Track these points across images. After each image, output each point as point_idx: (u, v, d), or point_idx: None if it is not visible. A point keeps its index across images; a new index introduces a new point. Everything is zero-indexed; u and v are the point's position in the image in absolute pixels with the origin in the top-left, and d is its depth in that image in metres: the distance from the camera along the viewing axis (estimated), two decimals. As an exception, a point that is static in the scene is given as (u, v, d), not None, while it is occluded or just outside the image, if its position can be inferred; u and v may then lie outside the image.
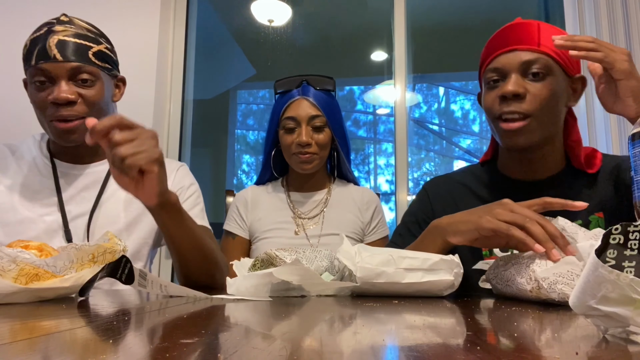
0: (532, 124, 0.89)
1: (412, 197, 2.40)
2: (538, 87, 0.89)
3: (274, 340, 0.36)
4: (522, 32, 0.91)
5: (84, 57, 0.99)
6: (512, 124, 0.89)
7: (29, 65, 0.98)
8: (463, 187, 1.06)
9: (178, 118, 2.45)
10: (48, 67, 0.96)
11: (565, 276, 0.62)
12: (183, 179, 1.14)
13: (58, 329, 0.41)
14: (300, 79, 1.31)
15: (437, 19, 3.31)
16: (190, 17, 2.57)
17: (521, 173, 0.99)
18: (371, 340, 0.37)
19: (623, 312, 0.34)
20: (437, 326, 0.45)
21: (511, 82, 0.89)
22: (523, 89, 0.88)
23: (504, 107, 0.90)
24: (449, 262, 0.73)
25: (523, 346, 0.35)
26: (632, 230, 0.35)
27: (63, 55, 0.97)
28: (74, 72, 0.98)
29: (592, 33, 2.03)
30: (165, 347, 0.33)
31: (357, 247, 0.77)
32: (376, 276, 0.72)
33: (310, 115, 1.27)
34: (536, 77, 0.89)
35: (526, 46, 0.89)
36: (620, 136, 1.90)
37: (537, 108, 0.88)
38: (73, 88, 0.98)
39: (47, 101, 0.97)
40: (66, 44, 0.98)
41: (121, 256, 0.69)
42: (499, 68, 0.91)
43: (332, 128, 1.30)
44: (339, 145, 1.34)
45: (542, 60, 0.89)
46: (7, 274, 0.60)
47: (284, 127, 1.29)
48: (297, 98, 1.28)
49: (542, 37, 0.90)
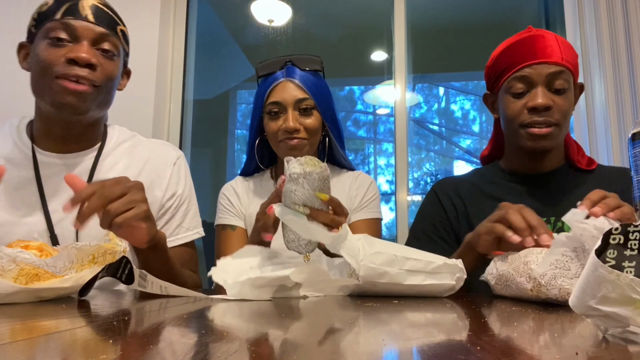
0: (556, 130, 0.99)
1: (412, 197, 2.40)
2: (562, 100, 0.98)
3: (275, 341, 0.36)
4: (547, 45, 0.99)
5: (112, 29, 0.96)
6: (542, 129, 0.98)
7: (51, 20, 0.91)
8: (470, 185, 1.11)
9: (178, 118, 2.45)
10: (76, 24, 0.91)
11: (561, 264, 0.63)
12: (178, 184, 1.09)
13: (58, 329, 0.41)
14: (284, 59, 1.20)
15: (437, 19, 3.31)
16: (190, 17, 2.57)
17: (526, 168, 1.07)
18: (373, 341, 0.37)
19: (623, 312, 0.34)
20: (438, 326, 0.45)
21: (541, 95, 0.97)
22: (552, 102, 0.97)
23: (534, 117, 0.98)
24: (451, 267, 0.73)
25: (523, 346, 0.35)
26: (632, 231, 0.35)
27: (95, 18, 0.94)
28: (100, 37, 0.94)
29: (592, 34, 2.03)
30: (165, 347, 0.33)
31: (363, 242, 0.76)
32: (379, 276, 0.72)
33: (297, 98, 1.16)
34: (560, 90, 0.98)
35: (552, 60, 0.98)
36: (620, 136, 1.90)
37: (561, 118, 0.98)
38: (96, 53, 0.93)
39: (60, 58, 0.90)
40: (100, 9, 0.95)
41: (121, 257, 0.69)
42: (526, 79, 0.99)
43: (322, 111, 1.19)
44: (329, 130, 1.23)
45: (565, 74, 0.98)
46: (7, 274, 0.60)
47: (269, 113, 1.18)
48: (281, 80, 1.17)
49: (564, 51, 0.99)
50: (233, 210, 1.26)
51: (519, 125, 1.00)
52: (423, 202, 1.17)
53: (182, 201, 1.09)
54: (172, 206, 1.06)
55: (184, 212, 1.08)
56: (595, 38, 2.01)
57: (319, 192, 0.79)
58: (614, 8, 1.99)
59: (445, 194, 1.11)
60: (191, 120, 2.60)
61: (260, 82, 1.24)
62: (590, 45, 2.02)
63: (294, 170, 0.77)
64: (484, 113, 5.49)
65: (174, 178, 1.08)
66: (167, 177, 1.07)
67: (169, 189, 1.07)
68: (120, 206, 0.74)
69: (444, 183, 1.14)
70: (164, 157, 1.09)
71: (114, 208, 0.74)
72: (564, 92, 0.98)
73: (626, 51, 1.94)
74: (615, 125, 1.91)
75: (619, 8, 1.98)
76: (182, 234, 1.06)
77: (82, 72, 0.90)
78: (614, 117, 1.91)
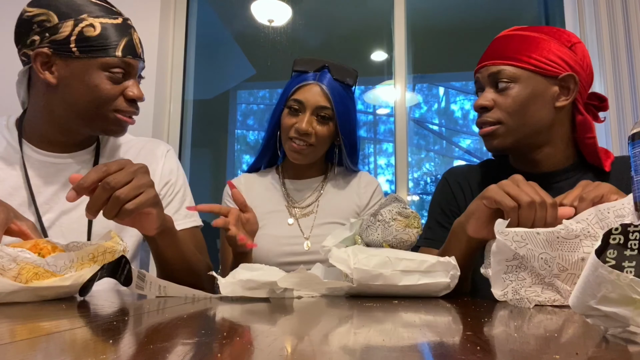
0: (500, 129, 0.97)
1: (413, 197, 2.40)
2: (502, 98, 0.97)
3: (274, 341, 0.36)
4: (494, 46, 1.00)
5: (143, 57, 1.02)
6: (484, 129, 0.99)
7: (111, 55, 0.93)
8: (480, 175, 1.10)
9: (178, 118, 2.45)
10: (134, 63, 0.97)
11: (513, 277, 0.63)
12: (171, 173, 1.09)
13: (58, 329, 0.41)
14: (322, 62, 1.22)
15: (437, 19, 3.30)
16: (190, 17, 2.57)
17: (527, 168, 1.03)
18: (371, 341, 0.37)
19: (623, 312, 0.34)
20: (437, 326, 0.45)
21: (480, 97, 0.99)
22: (488, 102, 0.97)
23: (478, 117, 1.00)
24: (445, 264, 0.73)
25: (523, 346, 0.35)
26: (632, 231, 0.35)
27: (142, 54, 1.00)
28: (140, 71, 1.01)
29: (592, 33, 2.03)
30: (165, 347, 0.33)
31: (351, 250, 0.77)
32: (373, 278, 0.72)
33: (319, 104, 1.19)
34: (502, 87, 0.97)
35: (492, 61, 0.98)
36: (620, 136, 1.90)
37: (502, 116, 0.96)
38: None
39: (118, 94, 0.95)
40: (141, 43, 1.00)
41: (120, 256, 0.69)
42: (478, 82, 1.02)
43: (340, 123, 1.21)
44: (343, 142, 1.25)
45: (506, 71, 0.96)
46: (7, 273, 0.60)
47: (289, 107, 1.21)
48: (310, 82, 1.20)
49: (511, 48, 0.97)
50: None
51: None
52: (434, 192, 1.16)
53: (178, 190, 1.09)
54: (167, 194, 1.07)
55: (180, 200, 1.08)
56: (595, 38, 2.01)
57: (387, 245, 0.83)
58: (614, 8, 1.99)
59: (456, 181, 1.10)
60: (191, 120, 2.60)
61: (292, 76, 1.26)
62: (590, 45, 2.02)
63: (383, 216, 0.82)
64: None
65: (166, 169, 1.09)
66: (159, 168, 1.08)
67: (162, 178, 1.08)
68: (129, 192, 0.72)
69: (455, 170, 1.14)
70: (154, 152, 1.10)
71: (124, 194, 0.71)
72: (507, 89, 0.96)
73: (626, 51, 1.94)
74: (615, 125, 1.91)
75: (619, 8, 1.98)
76: (181, 220, 1.06)
77: (134, 109, 0.98)
78: (614, 117, 1.91)
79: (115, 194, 0.71)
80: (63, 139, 1.00)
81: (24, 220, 0.77)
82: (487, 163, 1.14)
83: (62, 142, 1.00)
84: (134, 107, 0.98)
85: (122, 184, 0.72)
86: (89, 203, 0.71)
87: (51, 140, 1.00)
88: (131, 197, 0.72)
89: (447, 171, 1.16)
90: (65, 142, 1.01)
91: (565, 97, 0.97)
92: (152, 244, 0.88)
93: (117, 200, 0.71)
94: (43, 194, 0.96)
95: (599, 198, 0.70)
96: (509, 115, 0.96)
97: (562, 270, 0.63)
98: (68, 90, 0.94)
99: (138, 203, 0.72)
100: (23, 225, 0.76)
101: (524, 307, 0.62)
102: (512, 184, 0.73)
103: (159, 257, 0.91)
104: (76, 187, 0.70)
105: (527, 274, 0.65)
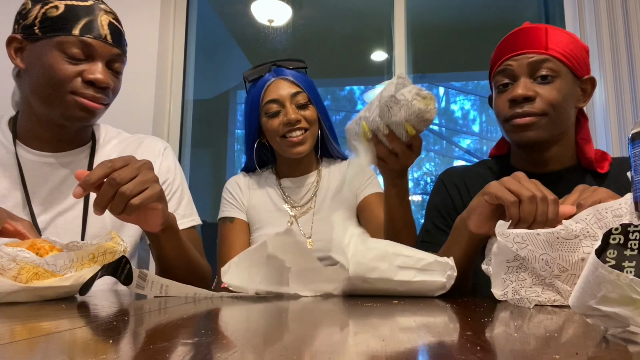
0: (542, 120, 0.92)
1: (413, 197, 2.40)
2: (547, 89, 0.92)
3: (274, 341, 0.36)
4: (530, 36, 0.95)
5: (123, 48, 0.97)
6: (524, 119, 0.93)
7: (66, 33, 0.89)
8: (477, 176, 1.08)
9: (178, 118, 2.45)
10: (95, 44, 0.91)
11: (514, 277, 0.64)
12: (168, 172, 1.08)
13: (58, 329, 0.41)
14: (269, 62, 1.24)
15: (437, 19, 3.31)
16: (190, 17, 2.57)
17: (530, 167, 1.02)
18: (372, 342, 0.37)
19: (623, 312, 0.34)
20: (437, 326, 0.45)
21: (520, 86, 0.92)
22: (532, 92, 0.92)
23: (516, 109, 0.93)
24: (442, 264, 0.73)
25: (523, 346, 0.35)
26: (632, 231, 0.35)
27: (113, 39, 0.93)
28: (114, 58, 0.94)
29: (592, 33, 2.03)
30: (165, 347, 0.33)
31: (355, 238, 0.76)
32: (369, 271, 0.72)
33: (292, 92, 1.20)
34: (545, 79, 0.92)
35: (534, 50, 0.93)
36: (620, 136, 1.90)
37: (547, 108, 0.92)
38: (108, 73, 0.94)
39: (76, 75, 0.90)
40: (117, 28, 0.95)
41: (121, 256, 0.69)
42: (507, 71, 0.95)
43: (315, 104, 1.24)
44: (323, 123, 1.27)
45: (550, 63, 0.92)
46: (7, 273, 0.60)
47: (267, 113, 1.21)
48: (273, 80, 1.22)
49: (550, 40, 0.93)
50: (235, 203, 1.30)
51: (503, 120, 0.96)
52: (431, 194, 1.15)
53: (175, 189, 1.08)
54: (165, 192, 1.06)
55: (178, 200, 1.07)
56: (595, 38, 2.01)
57: (410, 125, 0.82)
58: (614, 8, 1.99)
59: (452, 182, 1.09)
60: (191, 120, 2.60)
61: (249, 88, 1.28)
62: (590, 45, 2.02)
63: (404, 96, 0.80)
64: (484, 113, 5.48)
65: (164, 167, 1.08)
66: (156, 166, 1.06)
67: (160, 176, 1.07)
68: (134, 187, 0.72)
69: (451, 172, 1.13)
70: (152, 149, 1.09)
71: (129, 190, 0.71)
72: (551, 81, 0.92)
73: (626, 51, 1.95)
74: (615, 125, 1.91)
75: (619, 8, 1.98)
76: (179, 220, 1.06)
77: (98, 94, 0.93)
78: (614, 117, 1.91)
79: (121, 189, 0.71)
80: (49, 135, 0.97)
81: (19, 221, 0.77)
82: (484, 163, 1.13)
83: (51, 139, 0.98)
84: (94, 91, 0.92)
85: (128, 180, 0.72)
86: (96, 199, 0.72)
87: (41, 138, 0.98)
88: (137, 192, 0.72)
89: (443, 172, 1.14)
90: (53, 138, 0.98)
91: (583, 98, 0.98)
92: (154, 242, 0.88)
93: (123, 195, 0.71)
94: (38, 195, 0.95)
95: (596, 204, 0.70)
96: (553, 108, 0.92)
97: (562, 270, 0.63)
98: (30, 74, 0.92)
99: (144, 198, 0.73)
100: (19, 225, 0.75)
101: (524, 307, 0.62)
102: (514, 180, 0.72)
103: (160, 255, 0.90)
104: (82, 183, 0.70)
105: (527, 274, 0.65)
